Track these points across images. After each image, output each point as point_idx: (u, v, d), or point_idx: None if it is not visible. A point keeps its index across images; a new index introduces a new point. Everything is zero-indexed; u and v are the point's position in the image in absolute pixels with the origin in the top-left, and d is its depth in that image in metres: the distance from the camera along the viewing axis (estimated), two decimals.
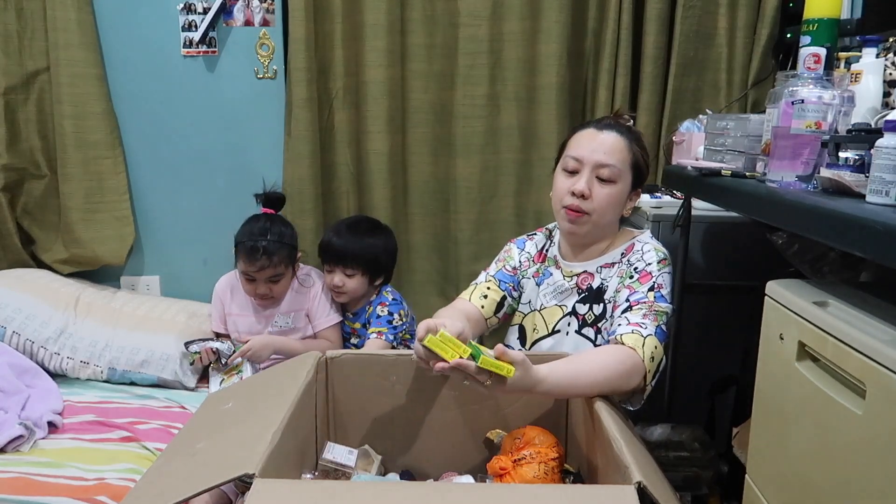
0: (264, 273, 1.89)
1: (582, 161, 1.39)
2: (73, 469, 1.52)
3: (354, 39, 2.13)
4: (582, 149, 1.40)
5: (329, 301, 2.02)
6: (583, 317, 1.44)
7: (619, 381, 1.20)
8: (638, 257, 1.39)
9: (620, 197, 1.40)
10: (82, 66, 2.10)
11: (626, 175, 1.40)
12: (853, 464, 0.87)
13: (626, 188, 1.41)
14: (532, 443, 1.20)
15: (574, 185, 1.39)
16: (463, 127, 2.20)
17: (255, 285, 1.92)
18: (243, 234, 1.92)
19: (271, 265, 1.88)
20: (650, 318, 1.28)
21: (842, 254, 1.30)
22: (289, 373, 1.29)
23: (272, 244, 1.88)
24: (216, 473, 0.92)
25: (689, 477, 1.69)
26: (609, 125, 1.42)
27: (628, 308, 1.31)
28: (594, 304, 1.44)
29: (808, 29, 1.36)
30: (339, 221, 2.04)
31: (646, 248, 1.40)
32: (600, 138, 1.40)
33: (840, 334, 0.91)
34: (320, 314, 2.00)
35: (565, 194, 1.40)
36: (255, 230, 1.91)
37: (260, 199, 2.00)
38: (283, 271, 1.92)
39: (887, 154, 0.95)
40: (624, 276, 1.38)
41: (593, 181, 1.39)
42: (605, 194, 1.38)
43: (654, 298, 1.31)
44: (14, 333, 1.94)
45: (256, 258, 1.86)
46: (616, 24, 2.09)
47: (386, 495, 0.90)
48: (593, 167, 1.38)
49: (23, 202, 2.21)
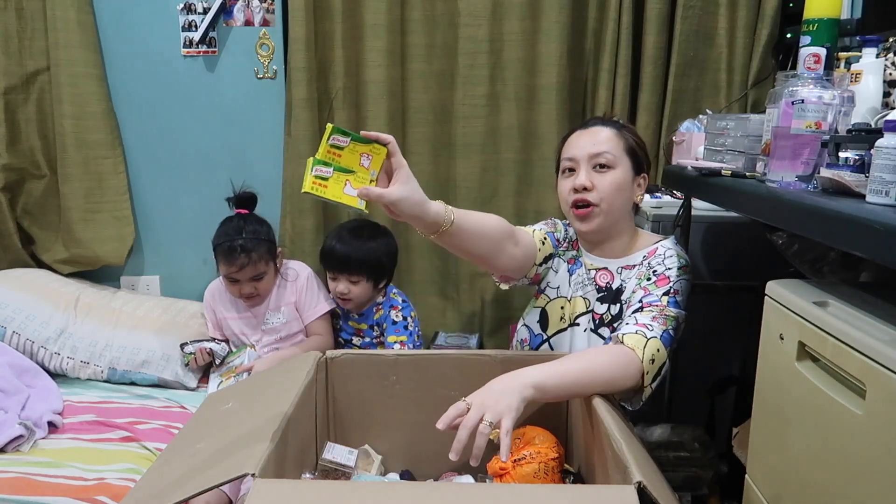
0: (246, 272, 1.89)
1: (576, 159, 1.41)
2: (73, 469, 1.52)
3: (354, 39, 2.13)
4: (574, 148, 1.42)
5: (317, 290, 2.01)
6: (600, 316, 1.45)
7: (615, 382, 1.19)
8: (659, 261, 1.39)
9: (624, 182, 1.41)
10: (82, 66, 2.10)
11: (623, 159, 1.41)
12: (853, 464, 0.87)
13: (628, 173, 1.41)
14: (532, 443, 1.19)
15: (574, 181, 1.40)
16: (463, 127, 2.20)
17: (240, 286, 1.92)
18: (219, 237, 1.92)
19: (251, 263, 1.88)
20: (658, 322, 1.27)
21: (842, 254, 1.30)
22: (289, 373, 1.29)
23: (249, 241, 1.88)
24: (216, 473, 0.92)
25: (689, 477, 1.69)
26: (595, 122, 1.46)
27: (639, 309, 1.31)
28: (612, 304, 1.44)
29: (808, 29, 1.36)
30: (339, 227, 2.02)
31: (668, 254, 1.40)
32: (589, 133, 1.43)
33: (840, 334, 0.91)
34: (309, 305, 2.00)
35: (569, 193, 1.41)
36: (230, 230, 1.91)
37: (232, 201, 2.00)
38: (264, 269, 1.93)
39: (887, 154, 0.95)
40: (642, 278, 1.38)
41: (592, 173, 1.40)
42: (608, 181, 1.39)
43: (666, 303, 1.31)
44: (14, 333, 1.94)
45: (235, 258, 1.86)
46: (616, 24, 2.09)
47: (386, 495, 0.90)
48: (588, 159, 1.40)
49: (23, 202, 2.21)
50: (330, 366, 1.34)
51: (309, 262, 2.13)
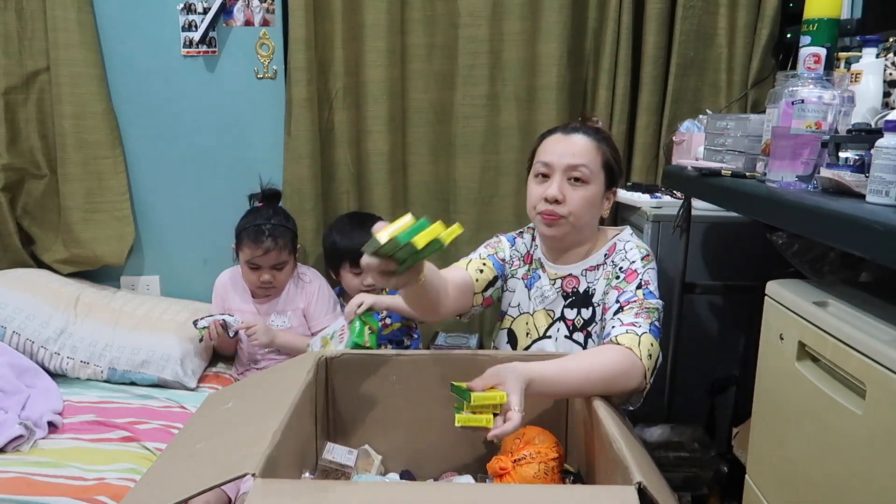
0: (269, 258, 1.90)
1: (552, 166, 1.38)
2: (73, 469, 1.51)
3: (354, 39, 2.13)
4: (551, 153, 1.39)
5: (328, 300, 2.02)
6: (572, 322, 1.44)
7: (617, 380, 1.19)
8: (622, 257, 1.39)
9: (595, 198, 1.39)
10: (82, 66, 2.10)
11: (599, 175, 1.39)
12: (853, 464, 0.87)
13: (600, 189, 1.40)
14: (532, 443, 1.19)
15: (546, 190, 1.37)
16: (463, 127, 2.20)
17: (260, 273, 1.92)
18: (246, 221, 1.95)
19: (276, 248, 1.90)
20: (643, 317, 1.27)
21: (842, 254, 1.30)
22: (289, 373, 1.29)
23: (277, 228, 1.92)
24: (216, 473, 0.92)
25: (689, 477, 1.69)
26: (576, 128, 1.42)
27: (619, 309, 1.30)
28: (582, 307, 1.43)
29: (808, 29, 1.36)
30: (339, 221, 2.03)
31: (628, 247, 1.40)
32: (569, 141, 1.39)
33: (840, 334, 0.91)
34: (320, 313, 2.01)
35: (539, 201, 1.39)
36: (259, 217, 1.94)
37: (256, 197, 2.02)
38: (286, 258, 1.94)
39: (887, 154, 0.95)
40: (610, 278, 1.38)
41: (565, 185, 1.37)
42: (580, 196, 1.37)
43: (643, 296, 1.31)
44: (14, 333, 1.94)
45: (262, 241, 1.88)
46: (616, 24, 2.09)
47: (386, 495, 0.90)
48: (564, 170, 1.37)
49: (23, 202, 2.21)
50: (330, 366, 1.34)
51: (309, 262, 2.13)
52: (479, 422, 1.05)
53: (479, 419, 1.05)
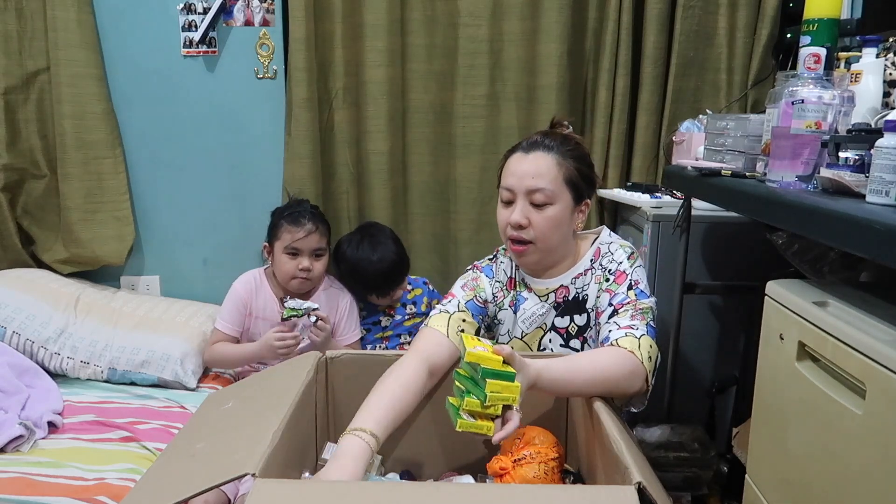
0: (311, 240, 1.90)
1: (514, 190, 1.35)
2: (73, 469, 1.51)
3: (354, 39, 2.13)
4: (512, 177, 1.36)
5: (356, 316, 2.05)
6: (565, 329, 1.42)
7: (620, 384, 1.19)
8: (608, 259, 1.38)
9: (561, 217, 1.35)
10: (82, 66, 2.10)
11: (562, 193, 1.34)
12: (853, 464, 0.87)
13: (567, 206, 1.35)
14: (532, 443, 1.19)
15: (510, 216, 1.35)
16: (463, 127, 2.20)
17: (299, 260, 1.90)
18: (285, 208, 1.98)
19: (318, 232, 1.92)
20: (638, 318, 1.27)
21: (842, 254, 1.30)
22: (289, 373, 1.29)
23: (316, 213, 1.96)
24: (216, 473, 0.92)
25: (689, 477, 1.69)
26: (536, 143, 1.36)
27: (614, 312, 1.30)
28: (575, 314, 1.41)
29: (808, 29, 1.36)
30: (363, 265, 2.02)
31: (613, 248, 1.39)
32: (527, 162, 1.35)
33: (840, 334, 0.91)
34: (347, 329, 2.02)
35: (506, 226, 1.37)
36: (298, 206, 1.98)
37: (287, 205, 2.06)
38: (325, 246, 1.96)
39: (887, 154, 0.95)
40: (601, 282, 1.37)
41: (529, 209, 1.34)
42: (544, 219, 1.33)
43: (635, 296, 1.31)
44: (14, 333, 1.94)
45: (304, 222, 1.90)
46: (616, 24, 2.09)
47: (386, 495, 0.90)
48: (525, 194, 1.34)
49: (23, 202, 2.21)
50: (330, 366, 1.34)
51: None
52: (480, 429, 1.06)
53: (479, 426, 1.06)
